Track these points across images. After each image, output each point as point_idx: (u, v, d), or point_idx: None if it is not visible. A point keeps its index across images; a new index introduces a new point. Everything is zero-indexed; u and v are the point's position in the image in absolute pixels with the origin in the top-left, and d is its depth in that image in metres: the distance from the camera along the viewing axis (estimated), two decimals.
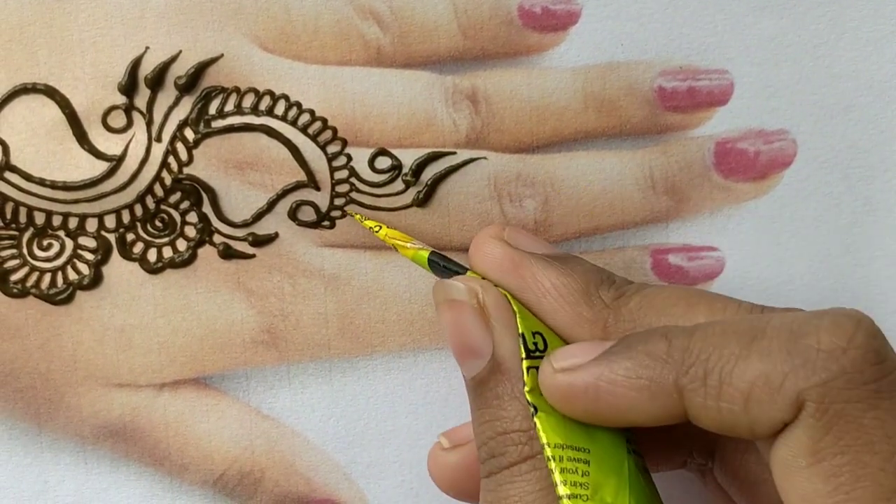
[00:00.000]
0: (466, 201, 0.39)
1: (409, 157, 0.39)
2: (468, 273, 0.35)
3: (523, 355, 0.33)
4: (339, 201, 0.39)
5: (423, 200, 0.39)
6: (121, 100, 0.38)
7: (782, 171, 0.40)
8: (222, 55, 0.38)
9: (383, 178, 0.39)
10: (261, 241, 0.39)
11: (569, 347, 0.32)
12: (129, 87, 0.38)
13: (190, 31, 0.38)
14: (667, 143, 0.40)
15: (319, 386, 0.40)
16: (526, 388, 0.32)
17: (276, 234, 0.39)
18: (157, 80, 0.38)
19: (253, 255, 0.39)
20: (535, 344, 0.33)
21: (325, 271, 0.39)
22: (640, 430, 0.33)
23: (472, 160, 0.39)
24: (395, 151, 0.39)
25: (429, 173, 0.39)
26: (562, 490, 0.31)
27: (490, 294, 0.34)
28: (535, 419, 0.32)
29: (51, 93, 0.38)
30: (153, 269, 0.39)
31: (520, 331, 0.33)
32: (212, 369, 0.40)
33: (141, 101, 0.38)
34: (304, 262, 0.39)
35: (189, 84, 0.38)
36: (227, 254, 0.39)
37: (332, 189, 0.39)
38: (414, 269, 0.40)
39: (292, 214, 0.39)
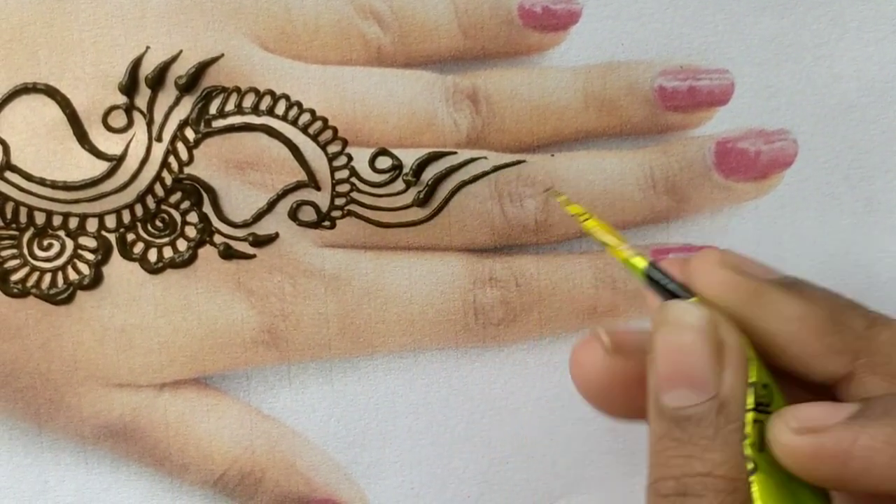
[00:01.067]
0: (467, 201, 0.39)
1: (409, 157, 0.39)
2: (694, 299, 0.32)
3: (752, 406, 0.30)
4: (339, 201, 0.39)
5: (423, 200, 0.39)
6: (121, 99, 0.38)
7: (783, 171, 0.40)
8: (223, 55, 0.38)
9: (384, 177, 0.39)
10: (261, 242, 0.39)
11: (806, 406, 0.30)
12: (129, 87, 0.38)
13: (190, 30, 0.38)
14: (667, 143, 0.40)
15: (320, 386, 0.40)
16: (748, 441, 0.30)
17: (277, 235, 0.39)
18: (157, 80, 0.38)
19: (253, 256, 0.39)
20: (764, 397, 0.31)
21: (325, 271, 0.39)
22: None
23: (472, 160, 0.39)
24: (395, 151, 0.39)
25: (429, 173, 0.39)
26: None
27: (731, 331, 0.31)
28: (754, 478, 0.30)
29: (51, 92, 0.38)
30: (153, 269, 0.39)
31: (754, 379, 0.30)
32: (212, 369, 0.40)
33: (141, 100, 0.38)
34: (305, 262, 0.39)
35: (189, 84, 0.38)
36: (228, 254, 0.39)
37: (333, 189, 0.39)
38: (414, 270, 0.40)
39: (293, 214, 0.39)
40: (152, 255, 0.39)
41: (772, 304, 0.31)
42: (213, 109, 0.38)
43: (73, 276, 0.39)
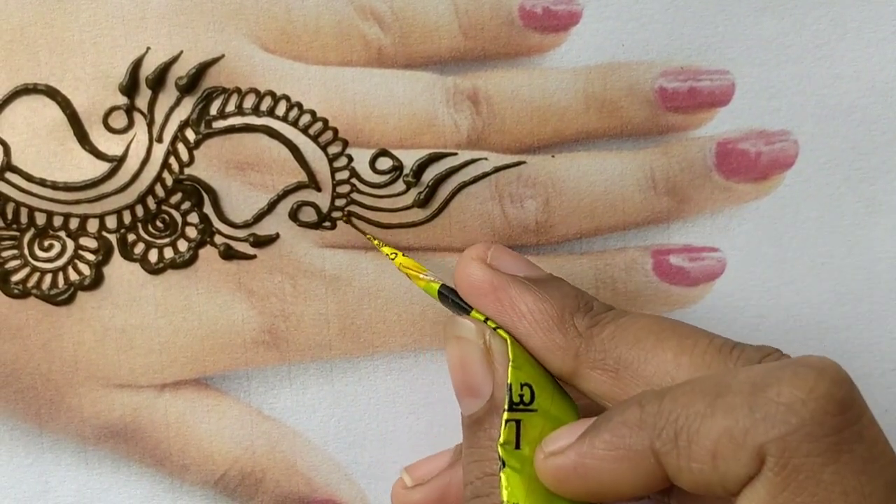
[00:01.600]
0: (468, 202, 0.39)
1: (410, 158, 0.39)
2: (472, 311, 0.35)
3: (506, 407, 0.33)
4: (340, 202, 0.39)
5: (424, 201, 0.39)
6: (122, 100, 0.38)
7: (784, 171, 0.40)
8: (223, 56, 0.38)
9: (384, 178, 0.39)
10: (262, 242, 0.39)
11: (557, 431, 0.32)
12: (130, 88, 0.38)
13: (191, 31, 0.38)
14: (668, 144, 0.40)
15: (321, 386, 0.40)
16: (500, 441, 0.32)
17: (277, 235, 0.39)
18: (158, 81, 0.38)
19: (254, 256, 0.39)
20: (521, 396, 0.33)
21: (325, 272, 0.39)
22: None
23: (473, 161, 0.39)
24: (396, 152, 0.39)
25: (430, 174, 0.39)
26: None
27: (496, 337, 0.34)
28: (501, 473, 0.32)
29: (52, 93, 0.38)
30: (154, 270, 0.39)
31: (508, 381, 0.33)
32: (213, 370, 0.40)
33: (142, 101, 0.38)
34: (305, 262, 0.39)
35: (190, 84, 0.38)
36: (228, 254, 0.39)
37: (333, 190, 0.39)
38: None
39: (293, 215, 0.39)
40: (153, 256, 0.39)
41: (509, 300, 0.34)
42: (213, 110, 0.38)
43: (73, 276, 0.39)
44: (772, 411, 0.28)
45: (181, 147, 0.38)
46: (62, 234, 0.39)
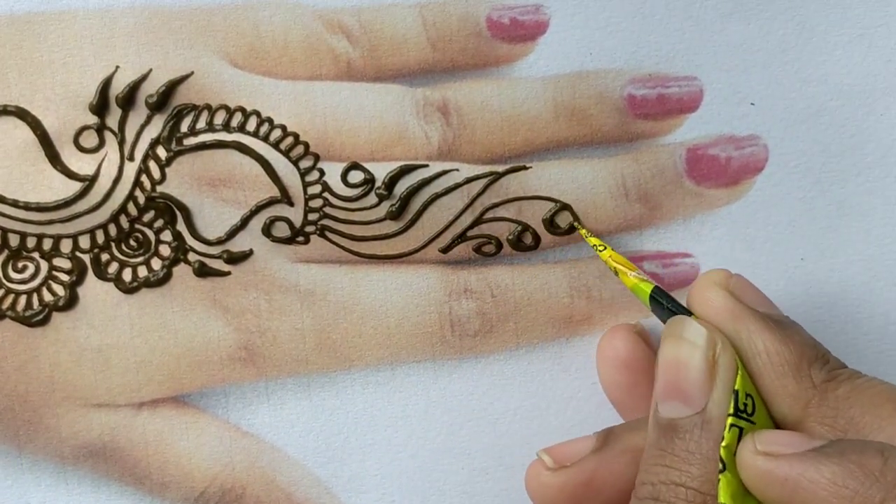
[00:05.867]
0: (440, 213, 0.39)
1: (381, 171, 0.39)
2: (693, 317, 0.34)
3: (731, 410, 0.32)
4: (312, 216, 0.39)
5: (396, 214, 0.39)
6: (92, 119, 0.38)
7: (754, 176, 0.40)
8: (192, 73, 0.38)
9: (356, 192, 0.39)
10: (235, 259, 0.39)
11: (776, 433, 0.32)
12: (100, 107, 0.38)
13: (160, 49, 0.38)
14: (638, 151, 0.40)
15: (298, 401, 0.40)
16: (723, 443, 0.32)
17: (251, 251, 0.39)
18: (128, 99, 0.38)
19: (228, 273, 0.39)
20: (745, 405, 0.32)
21: (300, 287, 0.39)
22: None
23: (444, 172, 0.39)
24: (367, 165, 0.39)
25: (402, 186, 0.39)
26: None
27: (727, 352, 0.33)
28: (721, 476, 0.31)
29: (22, 114, 0.38)
30: (128, 289, 0.39)
31: (736, 387, 0.32)
32: (190, 387, 0.40)
33: (112, 120, 0.38)
34: (280, 277, 0.39)
35: (160, 102, 0.38)
36: (202, 272, 0.39)
37: (306, 204, 0.39)
38: (390, 283, 0.40)
39: (266, 230, 0.39)
40: (127, 275, 0.39)
41: (747, 334, 0.33)
42: (184, 127, 0.38)
43: (48, 297, 0.39)
44: None
45: (153, 165, 0.38)
46: (35, 255, 0.39)
